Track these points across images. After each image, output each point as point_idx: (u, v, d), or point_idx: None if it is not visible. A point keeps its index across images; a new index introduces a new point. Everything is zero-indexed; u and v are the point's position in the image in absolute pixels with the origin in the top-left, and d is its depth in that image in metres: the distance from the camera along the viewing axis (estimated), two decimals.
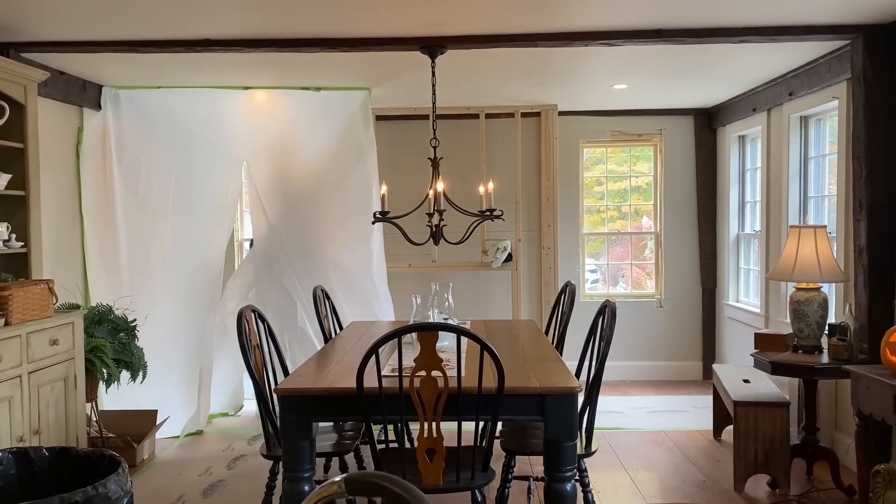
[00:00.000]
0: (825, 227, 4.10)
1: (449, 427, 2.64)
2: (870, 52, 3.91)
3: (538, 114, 6.39)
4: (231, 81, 5.15)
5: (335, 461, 4.12)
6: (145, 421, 4.69)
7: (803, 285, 4.06)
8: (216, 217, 5.47)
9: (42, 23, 3.70)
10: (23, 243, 3.90)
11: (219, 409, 5.55)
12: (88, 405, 4.25)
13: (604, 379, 3.17)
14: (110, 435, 4.49)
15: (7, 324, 3.38)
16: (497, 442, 3.36)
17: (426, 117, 6.07)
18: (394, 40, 4.02)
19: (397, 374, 2.65)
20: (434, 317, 3.67)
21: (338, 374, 3.04)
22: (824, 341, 4.04)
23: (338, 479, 0.96)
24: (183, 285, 5.36)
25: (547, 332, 4.43)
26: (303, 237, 5.48)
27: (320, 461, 3.95)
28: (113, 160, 5.16)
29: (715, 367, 4.95)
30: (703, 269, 6.71)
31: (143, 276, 5.20)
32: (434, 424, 2.61)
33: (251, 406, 5.54)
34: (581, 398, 2.86)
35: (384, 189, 4.19)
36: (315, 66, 4.68)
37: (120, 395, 4.83)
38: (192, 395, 5.26)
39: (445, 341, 3.40)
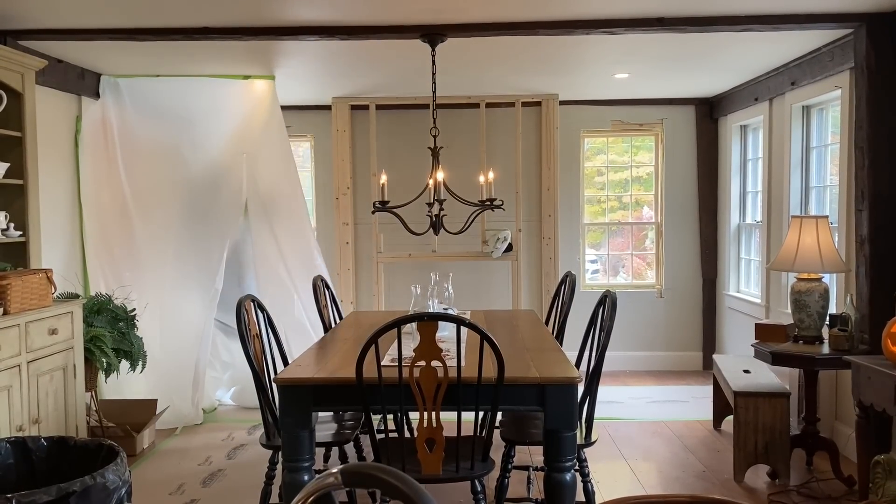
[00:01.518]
0: (827, 217, 4.09)
1: (448, 417, 2.64)
2: (873, 41, 3.88)
3: (539, 103, 6.37)
4: (230, 70, 5.12)
5: (335, 451, 4.12)
6: (145, 410, 4.69)
7: (804, 276, 4.04)
8: (219, 208, 5.44)
9: (40, 10, 3.67)
10: (21, 232, 3.89)
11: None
12: (88, 395, 4.25)
13: (604, 369, 3.16)
14: (110, 424, 4.49)
15: (6, 313, 3.38)
16: (497, 432, 3.35)
17: (426, 106, 6.05)
18: (394, 28, 3.99)
19: (397, 363, 2.64)
20: (434, 307, 3.66)
21: (337, 363, 3.03)
22: (825, 332, 4.03)
23: (334, 470, 0.95)
24: (183, 275, 5.34)
25: (547, 323, 4.42)
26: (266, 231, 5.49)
27: (320, 451, 3.95)
28: (111, 149, 5.13)
29: (715, 357, 4.94)
30: (704, 260, 6.69)
31: (142, 266, 5.19)
32: (434, 414, 2.60)
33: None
34: (581, 388, 2.86)
35: (384, 178, 4.17)
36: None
37: (119, 385, 4.83)
38: (189, 386, 5.24)
39: (445, 331, 3.39)
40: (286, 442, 2.78)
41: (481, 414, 2.76)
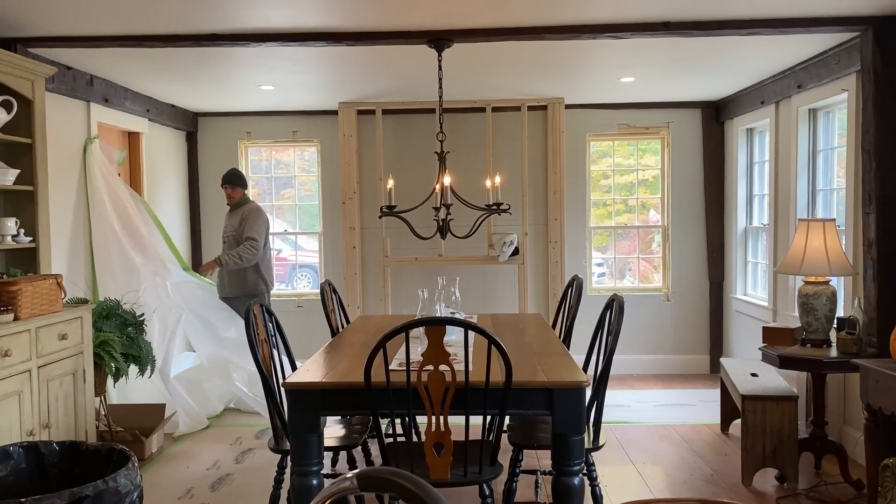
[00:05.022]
0: (834, 220, 4.08)
1: (456, 421, 2.65)
2: (879, 44, 3.88)
3: (545, 107, 6.38)
4: (240, 77, 5.15)
5: (343, 455, 4.13)
6: (154, 415, 4.71)
7: (812, 279, 4.04)
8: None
9: (49, 18, 3.70)
10: (31, 238, 3.92)
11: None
12: (97, 399, 4.27)
13: (611, 373, 3.16)
14: (119, 429, 4.51)
15: (16, 318, 3.40)
16: (504, 436, 3.36)
17: (432, 111, 6.07)
18: (400, 34, 4.01)
19: (405, 368, 2.65)
20: (441, 311, 3.67)
21: (345, 368, 3.04)
22: (833, 335, 4.02)
23: (350, 475, 0.96)
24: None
25: (554, 326, 4.42)
26: None
27: (328, 455, 3.96)
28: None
29: (722, 360, 4.94)
30: (711, 263, 6.69)
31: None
32: (441, 418, 2.61)
33: None
34: (588, 392, 2.86)
35: (391, 183, 4.18)
36: None
37: (127, 390, 4.85)
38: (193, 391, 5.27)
39: (453, 335, 3.40)
40: (295, 446, 2.79)
41: (489, 418, 2.77)
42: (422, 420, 2.74)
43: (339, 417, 3.59)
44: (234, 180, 5.70)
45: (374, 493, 3.76)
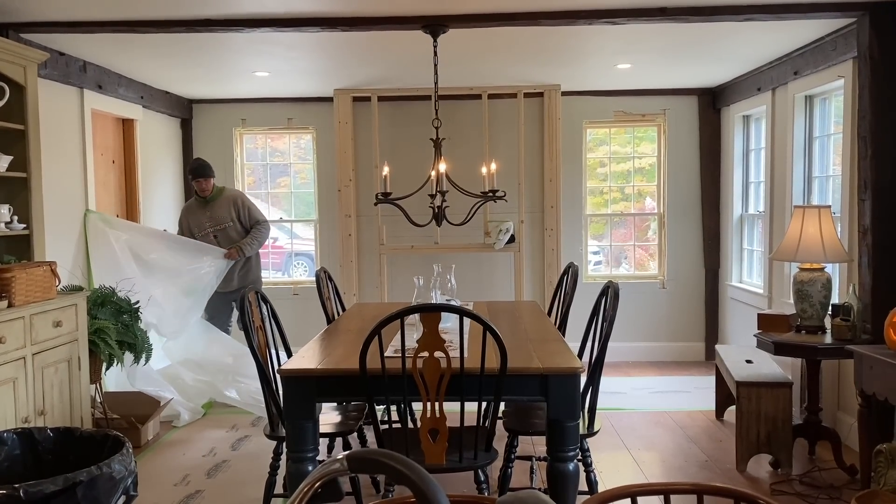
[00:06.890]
0: (829, 207, 4.08)
1: (452, 407, 2.65)
2: (876, 31, 3.87)
3: (541, 94, 6.36)
4: (234, 63, 5.11)
5: (338, 441, 4.13)
6: (149, 402, 4.71)
7: (807, 266, 4.04)
8: None
9: (41, 3, 3.67)
10: (25, 225, 3.90)
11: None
12: (93, 387, 4.27)
13: (606, 360, 3.17)
14: (115, 416, 4.51)
15: (10, 305, 3.39)
16: (499, 422, 3.36)
17: (428, 98, 6.04)
18: (395, 19, 3.99)
19: (400, 354, 2.65)
20: (437, 298, 3.67)
21: (341, 354, 3.04)
22: (827, 321, 4.03)
23: (340, 456, 0.96)
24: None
25: (550, 314, 4.42)
26: None
27: (324, 441, 3.96)
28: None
29: (718, 347, 4.95)
30: (707, 250, 6.69)
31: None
32: (437, 405, 2.61)
33: None
34: (584, 379, 2.86)
35: (386, 170, 4.17)
36: None
37: (122, 377, 4.85)
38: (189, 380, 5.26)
39: (448, 322, 3.40)
40: (290, 433, 2.79)
41: (484, 404, 2.77)
42: (417, 406, 2.74)
43: (335, 404, 3.59)
44: (208, 171, 5.54)
45: (369, 478, 3.77)
